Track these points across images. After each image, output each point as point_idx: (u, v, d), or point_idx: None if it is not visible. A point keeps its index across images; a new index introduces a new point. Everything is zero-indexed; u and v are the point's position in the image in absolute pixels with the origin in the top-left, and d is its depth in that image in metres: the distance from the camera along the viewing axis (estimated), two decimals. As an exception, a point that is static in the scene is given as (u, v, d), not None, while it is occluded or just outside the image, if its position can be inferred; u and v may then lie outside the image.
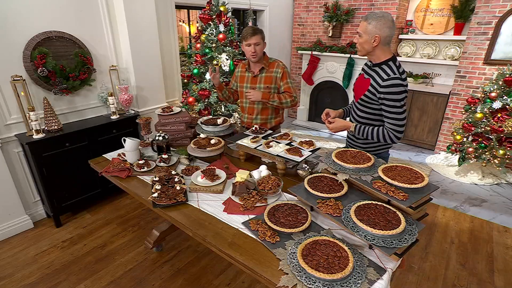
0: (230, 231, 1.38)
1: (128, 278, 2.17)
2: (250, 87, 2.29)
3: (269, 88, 2.26)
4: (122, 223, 2.79)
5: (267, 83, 2.25)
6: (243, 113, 2.47)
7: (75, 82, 2.72)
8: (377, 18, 1.57)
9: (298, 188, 1.55)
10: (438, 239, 2.61)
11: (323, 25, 5.11)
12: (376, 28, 1.57)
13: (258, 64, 2.25)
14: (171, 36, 3.63)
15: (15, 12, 2.36)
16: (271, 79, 2.25)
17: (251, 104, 2.34)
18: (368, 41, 1.61)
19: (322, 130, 5.31)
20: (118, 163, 1.99)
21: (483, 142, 3.27)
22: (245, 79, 2.33)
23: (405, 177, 1.41)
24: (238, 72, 2.39)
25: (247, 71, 2.31)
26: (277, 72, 2.23)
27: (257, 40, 2.12)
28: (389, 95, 1.59)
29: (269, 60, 2.26)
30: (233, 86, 2.47)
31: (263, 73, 2.25)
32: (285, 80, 2.24)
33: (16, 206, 2.60)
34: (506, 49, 3.51)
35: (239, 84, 2.37)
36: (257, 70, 2.25)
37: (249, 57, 2.20)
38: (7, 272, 2.21)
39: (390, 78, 1.58)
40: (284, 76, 2.23)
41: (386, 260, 1.19)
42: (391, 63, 1.64)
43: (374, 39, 1.59)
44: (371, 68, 1.73)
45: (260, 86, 2.26)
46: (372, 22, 1.57)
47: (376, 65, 1.69)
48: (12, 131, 2.52)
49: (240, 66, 2.39)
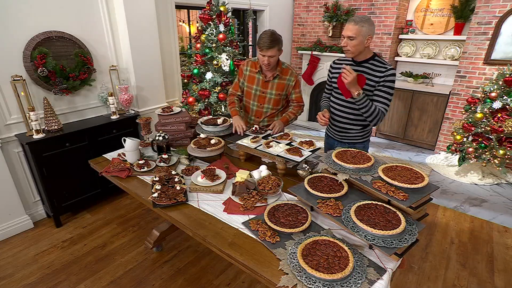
0: (230, 231, 1.38)
1: (128, 278, 2.17)
2: (260, 90, 2.25)
3: (279, 95, 2.24)
4: (122, 223, 2.79)
5: (279, 90, 2.22)
6: (248, 113, 2.42)
7: (75, 82, 2.72)
8: (366, 20, 1.73)
9: (298, 188, 1.55)
10: (438, 239, 2.61)
11: (323, 25, 5.11)
12: (368, 29, 1.74)
13: (272, 70, 2.19)
14: (171, 36, 3.63)
15: (15, 12, 2.36)
16: (283, 86, 2.22)
17: (259, 108, 2.31)
18: (362, 42, 1.76)
19: (322, 130, 5.31)
20: (118, 163, 1.99)
21: (483, 142, 3.27)
22: (255, 81, 2.25)
23: (405, 177, 1.41)
24: (247, 70, 2.28)
25: (259, 73, 2.22)
26: (290, 80, 2.21)
27: (273, 53, 2.04)
28: (388, 82, 1.80)
29: (282, 66, 2.21)
30: (242, 85, 2.36)
31: (276, 80, 2.20)
32: (298, 89, 2.26)
33: (16, 206, 2.60)
34: (506, 49, 3.51)
35: (248, 84, 2.30)
36: (271, 75, 2.19)
37: (262, 65, 2.14)
38: (7, 272, 2.21)
39: (389, 69, 1.80)
40: (297, 85, 2.24)
41: (386, 260, 1.19)
42: (377, 58, 1.86)
43: (367, 39, 1.76)
44: (359, 65, 1.88)
45: (271, 92, 2.24)
46: (365, 25, 1.72)
47: (364, 62, 1.86)
48: (12, 131, 2.52)
49: (249, 65, 2.27)
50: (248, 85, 2.30)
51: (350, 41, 1.76)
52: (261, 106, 2.31)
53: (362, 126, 2.01)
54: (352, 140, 2.07)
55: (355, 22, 1.72)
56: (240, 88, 2.39)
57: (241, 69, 2.33)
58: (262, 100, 2.29)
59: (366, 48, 1.81)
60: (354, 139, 2.07)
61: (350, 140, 2.08)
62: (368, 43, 1.78)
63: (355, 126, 2.01)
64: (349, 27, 1.74)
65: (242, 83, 2.36)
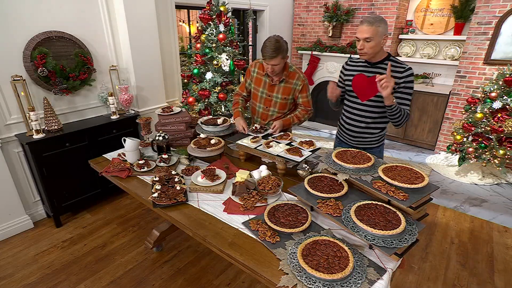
0: (230, 231, 1.38)
1: (128, 278, 2.17)
2: (266, 93, 2.22)
3: (286, 99, 2.20)
4: (122, 223, 2.79)
5: (285, 94, 2.18)
6: (254, 115, 2.39)
7: (75, 82, 2.72)
8: (381, 20, 1.67)
9: (298, 188, 1.55)
10: (438, 239, 2.61)
11: (323, 25, 5.11)
12: (384, 29, 1.68)
13: (279, 74, 2.14)
14: (171, 36, 3.63)
15: (15, 12, 2.36)
16: (289, 90, 2.17)
17: (265, 110, 2.28)
18: (379, 43, 1.70)
19: (322, 130, 5.31)
20: (118, 163, 1.99)
21: (483, 142, 3.27)
22: (262, 83, 2.23)
23: (405, 177, 1.41)
24: (255, 72, 2.25)
25: (266, 76, 2.18)
26: (296, 84, 2.15)
27: (276, 62, 1.97)
28: (409, 83, 1.76)
29: (289, 69, 2.15)
30: (248, 86, 2.33)
31: (282, 83, 2.16)
32: (305, 93, 2.18)
33: (16, 206, 2.60)
34: (506, 49, 3.51)
35: (255, 86, 2.27)
36: (277, 79, 2.15)
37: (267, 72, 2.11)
38: (7, 272, 2.21)
39: (407, 68, 1.75)
40: (304, 89, 2.17)
41: (386, 260, 1.19)
42: (392, 57, 1.80)
43: (384, 39, 1.71)
44: (374, 66, 1.82)
45: (277, 95, 2.19)
46: (381, 25, 1.66)
47: (379, 62, 1.80)
48: (12, 131, 2.52)
49: (257, 66, 2.23)
50: (255, 87, 2.28)
51: (367, 43, 1.68)
52: (267, 109, 2.28)
53: (380, 129, 1.94)
54: (369, 144, 1.98)
55: (370, 23, 1.64)
56: (246, 89, 2.37)
57: (249, 70, 2.30)
58: (268, 103, 2.26)
59: (381, 48, 1.75)
60: (371, 143, 1.98)
61: (366, 145, 1.98)
62: (384, 43, 1.72)
63: (372, 130, 1.93)
64: (364, 29, 1.66)
65: (249, 84, 2.34)
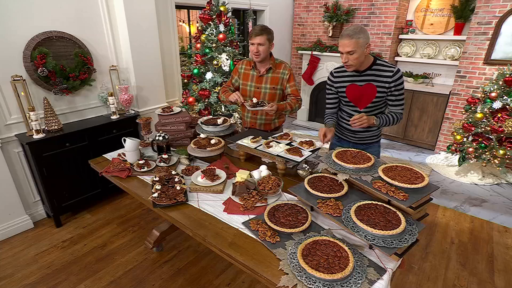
0: (230, 231, 1.38)
1: (128, 278, 2.17)
2: (255, 86, 2.26)
3: (274, 89, 2.23)
4: (122, 223, 2.79)
5: (273, 83, 2.22)
6: (244, 112, 2.42)
7: (75, 82, 2.72)
8: (360, 31, 1.69)
9: (298, 188, 1.55)
10: (438, 239, 2.61)
11: (323, 25, 5.11)
12: (364, 39, 1.70)
13: (265, 64, 2.21)
14: (171, 36, 3.63)
15: (16, 12, 2.36)
16: (277, 80, 2.22)
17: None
18: (363, 53, 1.73)
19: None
20: (118, 163, 1.99)
21: (483, 142, 3.27)
22: (250, 77, 2.28)
23: (405, 177, 1.41)
24: (242, 69, 2.32)
25: (253, 69, 2.26)
26: (284, 73, 2.21)
27: (261, 40, 2.06)
28: (399, 85, 1.81)
29: (276, 61, 2.23)
30: (235, 82, 2.38)
31: (269, 73, 2.21)
32: (292, 82, 2.22)
33: (16, 206, 2.60)
34: (506, 49, 3.51)
35: (242, 81, 2.32)
36: (264, 70, 2.21)
37: (252, 56, 2.17)
38: (7, 272, 2.21)
39: (397, 71, 1.78)
40: (291, 78, 2.22)
41: (386, 260, 1.19)
42: (379, 61, 1.83)
43: (367, 48, 1.73)
44: (362, 74, 1.84)
45: (266, 86, 2.23)
46: (361, 35, 1.68)
47: (367, 70, 1.82)
48: (12, 131, 2.52)
49: (244, 63, 2.32)
50: (243, 83, 2.32)
51: (350, 55, 1.72)
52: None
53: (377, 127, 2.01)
54: (369, 140, 2.06)
55: (350, 36, 1.67)
56: (233, 85, 2.41)
57: (236, 68, 2.37)
58: (257, 95, 2.28)
59: (366, 56, 1.78)
60: (371, 139, 2.06)
61: (367, 140, 2.06)
62: (368, 52, 1.75)
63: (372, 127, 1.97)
64: (345, 43, 1.69)
65: (235, 80, 2.38)
